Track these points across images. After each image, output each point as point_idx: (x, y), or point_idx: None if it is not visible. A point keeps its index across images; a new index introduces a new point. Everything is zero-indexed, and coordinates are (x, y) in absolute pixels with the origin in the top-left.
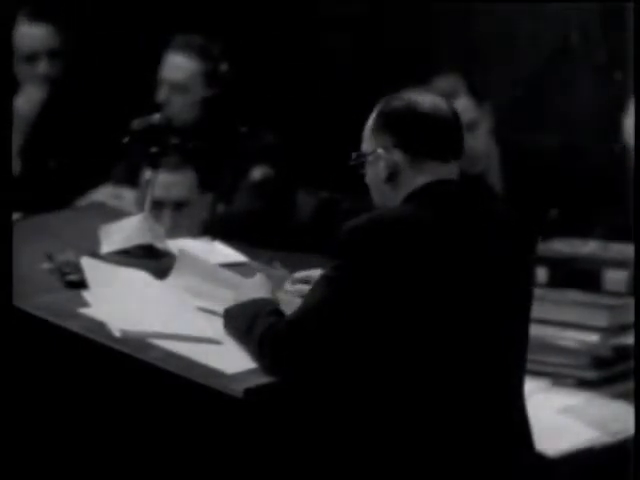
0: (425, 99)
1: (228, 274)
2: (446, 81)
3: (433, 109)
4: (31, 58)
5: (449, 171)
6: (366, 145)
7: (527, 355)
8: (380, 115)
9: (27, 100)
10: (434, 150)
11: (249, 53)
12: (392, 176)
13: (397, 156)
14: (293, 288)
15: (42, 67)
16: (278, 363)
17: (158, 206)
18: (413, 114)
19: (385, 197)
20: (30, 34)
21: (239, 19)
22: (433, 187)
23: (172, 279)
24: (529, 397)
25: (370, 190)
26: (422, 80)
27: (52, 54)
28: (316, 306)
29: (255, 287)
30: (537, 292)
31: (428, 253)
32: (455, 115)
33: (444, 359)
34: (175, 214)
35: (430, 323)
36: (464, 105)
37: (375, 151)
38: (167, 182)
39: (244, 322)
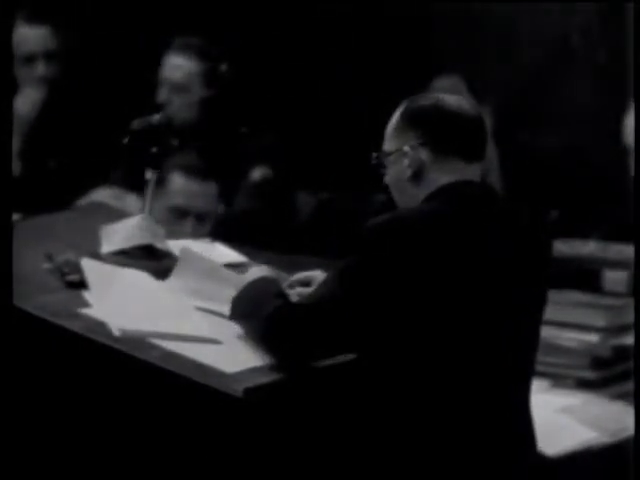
0: (451, 99)
1: (231, 273)
2: (446, 81)
3: (460, 109)
4: (29, 60)
5: (472, 172)
6: (389, 144)
7: (536, 357)
8: (406, 113)
9: (26, 101)
10: (460, 149)
11: (249, 53)
12: (416, 174)
13: (423, 154)
14: (292, 291)
15: (40, 69)
16: (284, 349)
17: (182, 214)
18: (440, 112)
19: (407, 196)
20: (28, 36)
21: (239, 19)
22: (455, 187)
23: (174, 278)
24: None
25: (391, 190)
26: (422, 80)
27: (50, 56)
28: (330, 298)
29: (256, 274)
30: None
31: (447, 254)
32: (480, 116)
33: (455, 357)
34: (197, 225)
35: (444, 325)
36: None
37: (400, 149)
38: (194, 192)
39: (249, 304)
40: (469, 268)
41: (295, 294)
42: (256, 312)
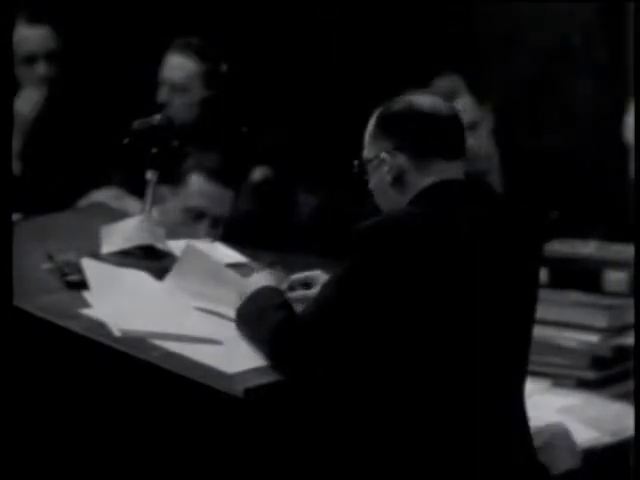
0: (423, 100)
1: (232, 273)
2: (446, 81)
3: (432, 109)
4: (29, 60)
5: (455, 170)
6: (367, 151)
7: (529, 356)
8: (380, 120)
9: (26, 102)
10: (437, 149)
11: (249, 53)
12: (397, 179)
13: (401, 159)
14: (293, 295)
15: (41, 69)
16: (291, 363)
17: (197, 216)
18: (413, 115)
19: (391, 201)
20: (28, 36)
21: (239, 19)
22: (439, 188)
23: (175, 272)
24: (529, 397)
25: (374, 196)
26: (422, 80)
27: (50, 56)
28: (329, 307)
29: (259, 282)
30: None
31: (439, 254)
32: (455, 113)
33: (448, 355)
34: (210, 228)
35: (441, 324)
36: (465, 105)
37: (378, 156)
38: (214, 195)
39: (252, 318)
40: (459, 268)
41: (296, 296)
42: (259, 328)
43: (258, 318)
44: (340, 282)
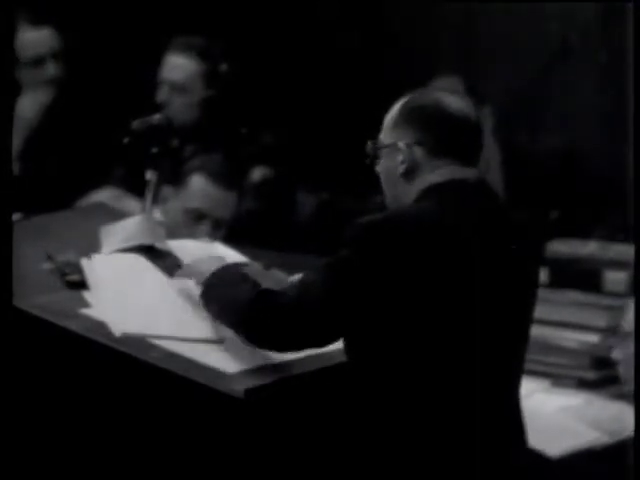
0: (453, 101)
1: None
2: (446, 82)
3: (461, 112)
4: (37, 62)
5: (468, 173)
6: (385, 136)
7: (525, 355)
8: (405, 109)
9: (33, 103)
10: (455, 153)
11: (250, 53)
12: (409, 171)
13: (418, 153)
14: None
15: (50, 70)
16: (263, 335)
17: (199, 218)
18: (441, 113)
19: (397, 190)
20: (33, 38)
21: (240, 19)
22: (447, 186)
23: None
24: (529, 397)
25: (381, 180)
26: (422, 81)
27: (56, 56)
28: (314, 289)
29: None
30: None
31: (436, 254)
32: (478, 120)
33: (441, 355)
34: (212, 230)
35: (431, 323)
36: None
37: (395, 144)
38: (216, 197)
39: (226, 287)
40: (458, 268)
41: None
42: (234, 296)
43: (232, 289)
44: (331, 268)
